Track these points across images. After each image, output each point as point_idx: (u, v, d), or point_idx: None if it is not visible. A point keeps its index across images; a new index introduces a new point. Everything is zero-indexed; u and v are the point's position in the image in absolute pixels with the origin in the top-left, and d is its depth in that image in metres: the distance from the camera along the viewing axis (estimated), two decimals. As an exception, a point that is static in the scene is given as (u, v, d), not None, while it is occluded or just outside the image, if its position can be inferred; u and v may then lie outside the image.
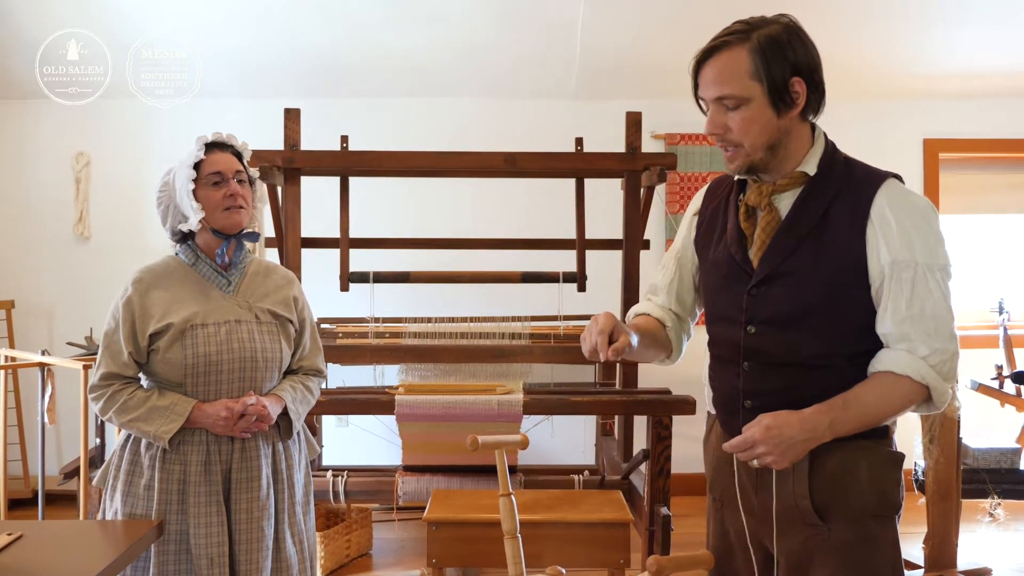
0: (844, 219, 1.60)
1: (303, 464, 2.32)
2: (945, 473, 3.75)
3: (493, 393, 3.34)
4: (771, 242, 1.65)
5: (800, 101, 1.60)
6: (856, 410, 1.58)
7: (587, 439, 4.75)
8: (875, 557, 1.64)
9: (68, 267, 4.99)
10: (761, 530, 1.70)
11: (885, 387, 1.59)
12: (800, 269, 1.62)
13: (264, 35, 4.57)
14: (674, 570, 1.76)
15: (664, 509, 3.12)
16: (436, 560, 2.88)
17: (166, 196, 2.17)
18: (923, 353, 1.57)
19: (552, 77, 4.87)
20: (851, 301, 1.62)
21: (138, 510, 2.10)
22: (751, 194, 1.69)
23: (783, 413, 1.57)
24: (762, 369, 1.67)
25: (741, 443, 1.58)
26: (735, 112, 1.60)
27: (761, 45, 1.57)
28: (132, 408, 2.08)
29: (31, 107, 4.89)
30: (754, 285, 1.66)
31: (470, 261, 4.31)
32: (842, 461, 1.62)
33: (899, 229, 1.58)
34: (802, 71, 1.59)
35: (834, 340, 1.63)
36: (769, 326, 1.66)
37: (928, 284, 1.58)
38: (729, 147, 1.64)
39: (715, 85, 1.60)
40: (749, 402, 1.67)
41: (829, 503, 1.63)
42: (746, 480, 1.71)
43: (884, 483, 1.64)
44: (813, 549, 1.64)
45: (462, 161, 3.67)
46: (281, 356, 2.22)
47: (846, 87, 4.69)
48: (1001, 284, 5.15)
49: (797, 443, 1.56)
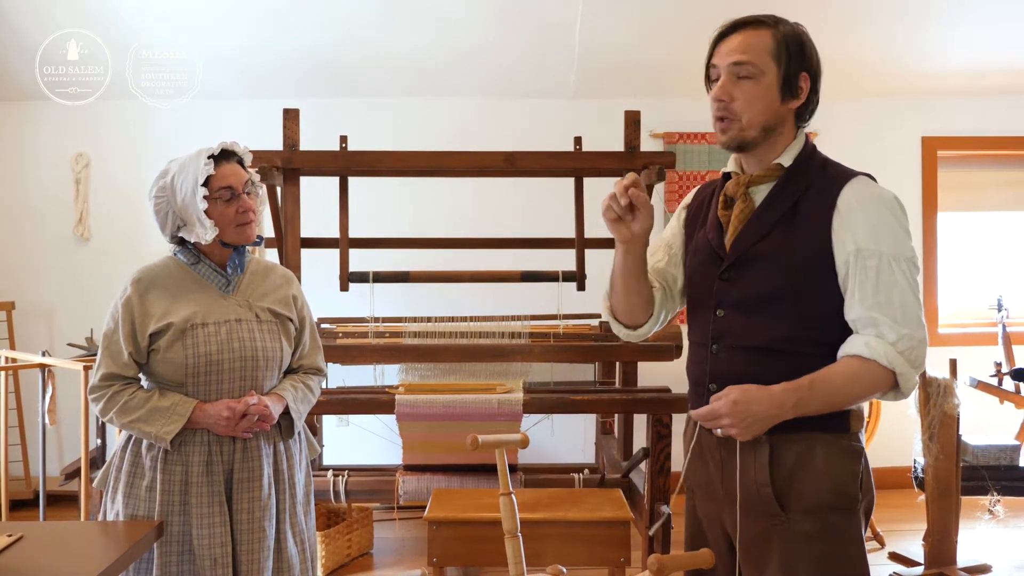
0: (813, 208, 1.67)
1: (304, 464, 2.32)
2: (944, 470, 3.76)
3: (493, 392, 3.35)
4: (743, 228, 1.72)
5: (803, 96, 1.70)
6: (822, 391, 1.62)
7: (587, 438, 4.76)
8: (834, 549, 1.65)
9: (68, 268, 5.00)
10: (727, 519, 1.75)
11: (852, 370, 1.62)
12: (768, 254, 1.68)
13: (263, 35, 4.57)
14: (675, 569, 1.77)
15: (664, 507, 3.12)
16: (437, 559, 2.89)
17: (164, 202, 2.14)
18: (891, 339, 1.60)
19: (551, 77, 4.88)
20: (818, 288, 1.66)
21: (139, 511, 2.10)
22: (729, 185, 1.78)
23: (751, 388, 1.61)
24: (729, 352, 1.72)
25: (708, 413, 1.63)
26: (745, 83, 1.68)
27: (785, 34, 1.69)
28: (133, 409, 2.08)
29: (30, 108, 4.90)
30: (725, 269, 1.74)
31: (469, 261, 4.31)
32: (799, 452, 1.66)
33: (864, 220, 1.63)
34: (811, 71, 1.71)
35: (800, 326, 1.67)
36: (737, 309, 1.72)
37: (894, 274, 1.62)
38: (727, 117, 1.70)
39: (736, 52, 1.68)
40: (714, 385, 1.71)
41: (788, 493, 1.66)
42: (713, 469, 1.76)
43: (840, 475, 1.66)
44: (773, 538, 1.68)
45: (461, 160, 3.67)
46: (282, 355, 2.22)
47: (845, 86, 4.69)
48: (1000, 282, 5.15)
49: (761, 419, 1.61)
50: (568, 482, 3.52)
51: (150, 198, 2.16)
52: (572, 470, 3.70)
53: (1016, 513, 4.37)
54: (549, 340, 3.74)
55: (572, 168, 3.79)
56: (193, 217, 2.10)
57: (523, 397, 3.28)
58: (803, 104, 1.72)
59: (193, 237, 2.13)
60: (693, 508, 1.87)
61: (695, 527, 1.87)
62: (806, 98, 1.71)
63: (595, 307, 4.26)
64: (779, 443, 1.66)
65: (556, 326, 3.91)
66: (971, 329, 5.03)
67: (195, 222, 2.10)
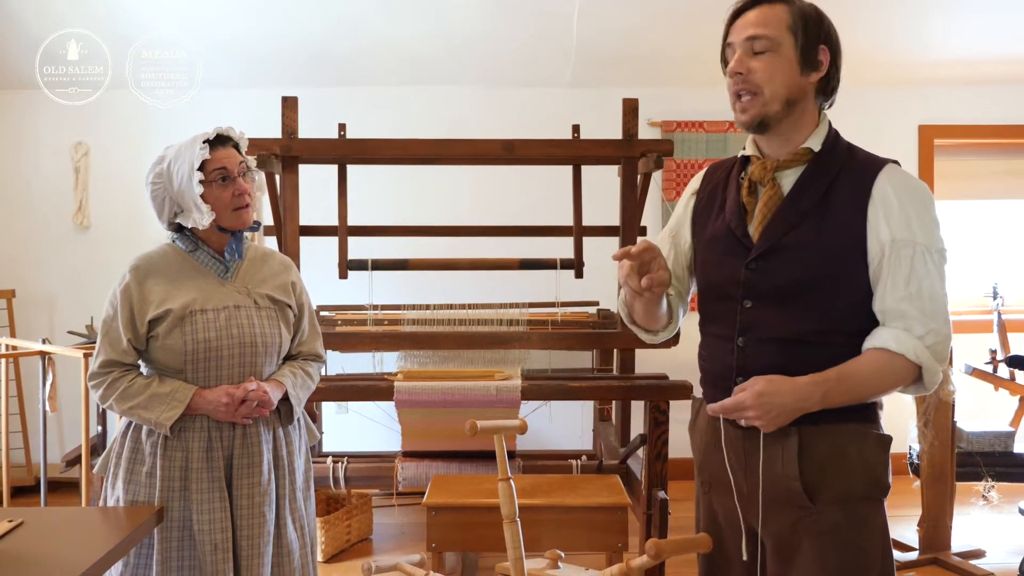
0: (846, 196, 1.62)
1: (303, 450, 2.32)
2: (939, 456, 3.79)
3: (491, 379, 3.36)
4: (772, 216, 1.66)
5: (823, 69, 1.67)
6: (849, 384, 1.60)
7: (585, 424, 4.78)
8: (864, 539, 1.64)
9: (68, 257, 5.01)
10: (749, 513, 1.70)
11: (879, 364, 1.60)
12: (801, 244, 1.63)
13: (261, 25, 4.57)
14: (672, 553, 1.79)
15: (661, 493, 3.15)
16: (436, 544, 2.91)
17: (160, 188, 2.14)
18: (919, 333, 1.58)
19: (549, 65, 4.88)
20: (850, 278, 1.62)
21: (140, 497, 2.10)
22: (755, 169, 1.71)
23: (777, 379, 1.58)
24: (757, 345, 1.67)
25: (733, 405, 1.59)
26: (763, 56, 1.63)
27: (802, 8, 1.67)
28: (133, 395, 2.08)
29: (30, 97, 4.89)
30: (753, 259, 1.67)
31: (468, 248, 4.32)
32: (832, 444, 1.63)
33: (900, 209, 1.59)
34: (830, 44, 1.68)
35: (831, 317, 1.63)
36: (767, 300, 1.66)
37: (927, 264, 1.59)
38: (747, 93, 1.65)
39: (752, 26, 1.65)
40: (741, 379, 1.66)
41: (818, 485, 1.62)
42: (735, 463, 1.71)
43: (874, 465, 1.65)
44: (801, 531, 1.64)
45: (460, 148, 3.67)
46: (280, 341, 2.23)
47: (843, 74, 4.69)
48: (995, 270, 5.17)
49: (787, 411, 1.58)
50: (566, 468, 3.54)
51: (147, 185, 2.16)
52: (570, 456, 3.72)
53: (1010, 499, 4.40)
54: (547, 327, 3.75)
55: (570, 156, 3.79)
56: (189, 202, 2.10)
57: (521, 384, 3.29)
58: (824, 80, 1.68)
59: (190, 222, 2.13)
60: (709, 501, 1.82)
61: (710, 520, 1.82)
62: (826, 72, 1.67)
63: (593, 294, 4.29)
64: (808, 435, 1.62)
65: (554, 313, 3.92)
66: (967, 317, 5.05)
67: (191, 207, 2.11)
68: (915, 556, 3.79)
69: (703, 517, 1.85)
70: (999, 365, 4.46)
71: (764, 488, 1.66)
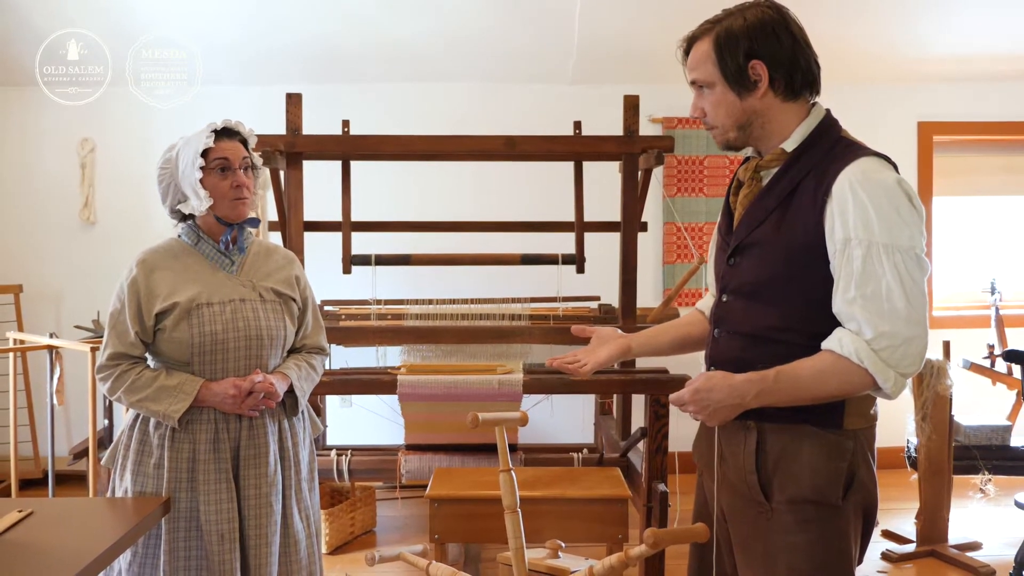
0: (808, 195, 1.60)
1: (308, 441, 2.36)
2: (937, 450, 3.82)
3: (493, 373, 3.38)
4: (744, 213, 1.72)
5: (762, 83, 1.64)
6: (786, 384, 1.57)
7: (586, 418, 4.80)
8: (815, 543, 1.61)
9: (74, 252, 5.04)
10: (722, 499, 1.76)
11: (824, 366, 1.56)
12: (764, 241, 1.66)
13: (264, 23, 4.59)
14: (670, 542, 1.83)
15: (661, 486, 3.17)
16: (439, 536, 2.95)
17: (167, 174, 2.19)
18: (868, 336, 1.52)
19: (550, 62, 4.90)
20: (811, 277, 1.60)
21: (147, 488, 2.13)
22: (742, 169, 1.76)
23: (716, 376, 1.61)
24: (727, 338, 1.74)
25: (675, 399, 1.63)
26: (707, 94, 1.70)
27: (719, 36, 1.66)
28: (140, 388, 2.11)
29: (36, 93, 4.90)
30: (730, 255, 1.74)
31: (470, 244, 4.34)
32: (785, 443, 1.63)
33: (856, 207, 1.53)
34: (761, 55, 1.62)
35: (791, 315, 1.63)
36: (736, 295, 1.72)
37: (883, 264, 1.52)
38: (709, 128, 1.75)
39: (690, 71, 1.72)
40: (712, 369, 1.72)
41: (772, 483, 1.64)
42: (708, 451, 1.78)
43: (823, 471, 1.60)
44: (759, 528, 1.66)
45: (462, 144, 3.69)
46: (285, 334, 2.26)
47: (841, 72, 4.71)
48: (993, 265, 5.20)
49: (723, 407, 1.59)
50: (567, 461, 3.56)
51: (156, 170, 2.21)
52: (571, 450, 3.74)
53: (1007, 492, 4.43)
54: (549, 322, 3.78)
55: (572, 152, 3.81)
56: (189, 188, 2.15)
57: (523, 378, 3.31)
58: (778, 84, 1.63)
59: (188, 208, 2.17)
60: (701, 486, 1.87)
61: (701, 504, 1.86)
62: (769, 81, 1.63)
63: (594, 289, 4.32)
64: (767, 432, 1.64)
65: (556, 308, 3.94)
66: (964, 312, 5.08)
67: (191, 193, 2.15)
68: (912, 548, 3.82)
69: (696, 500, 1.91)
70: (996, 359, 4.49)
71: (729, 478, 1.71)
